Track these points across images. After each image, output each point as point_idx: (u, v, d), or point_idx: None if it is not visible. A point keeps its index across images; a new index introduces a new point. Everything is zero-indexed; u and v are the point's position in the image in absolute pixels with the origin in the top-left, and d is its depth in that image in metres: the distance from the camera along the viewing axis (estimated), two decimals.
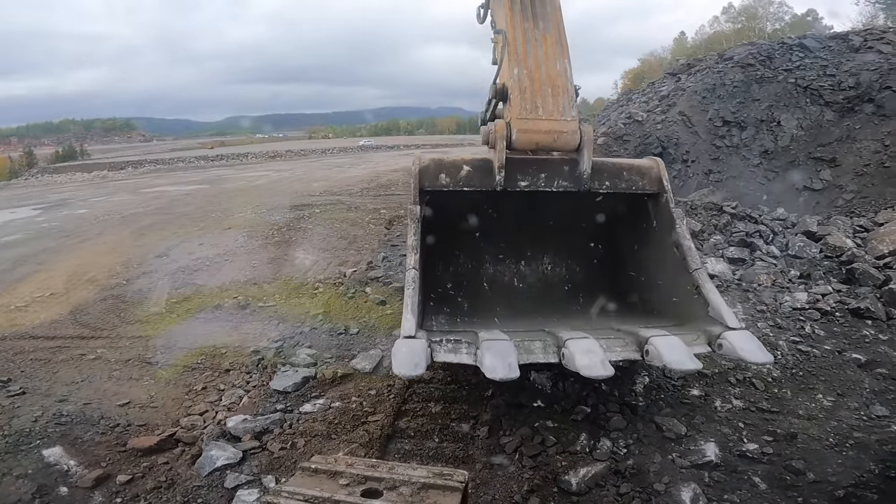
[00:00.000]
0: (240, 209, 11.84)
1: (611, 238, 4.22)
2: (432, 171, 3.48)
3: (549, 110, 3.35)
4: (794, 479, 3.04)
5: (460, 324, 3.84)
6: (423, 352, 2.83)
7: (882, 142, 8.08)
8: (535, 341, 3.02)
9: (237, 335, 5.09)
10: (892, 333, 4.57)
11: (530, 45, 3.48)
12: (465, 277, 4.28)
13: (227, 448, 3.32)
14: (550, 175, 3.51)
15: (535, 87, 3.39)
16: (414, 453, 3.36)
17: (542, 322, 3.61)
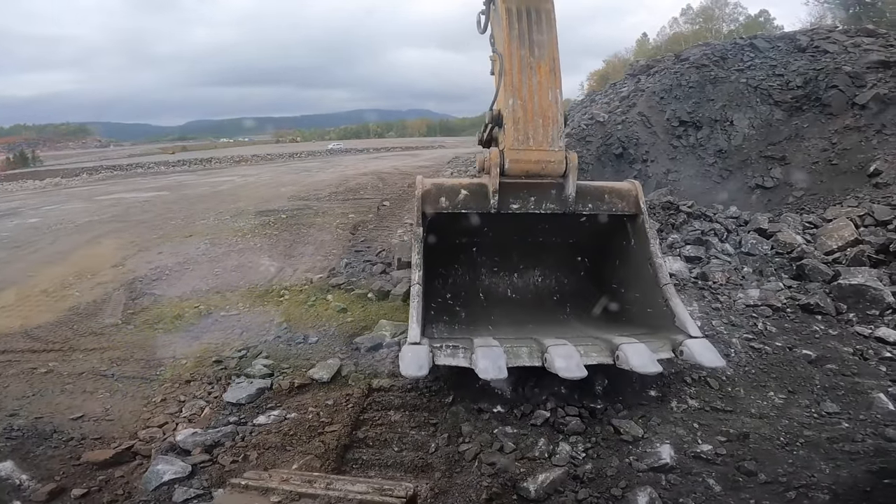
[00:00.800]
0: (202, 216, 11.80)
1: (595, 253, 4.62)
2: (433, 195, 3.90)
3: (538, 141, 3.73)
4: (746, 480, 3.05)
5: (458, 331, 4.17)
6: (427, 356, 3.34)
7: (829, 140, 8.37)
8: (522, 347, 3.52)
9: (198, 345, 5.02)
10: (842, 328, 4.67)
11: (525, 73, 3.78)
12: (462, 289, 4.63)
13: (176, 462, 3.25)
14: (539, 198, 3.90)
15: (528, 118, 3.74)
16: (372, 463, 3.33)
17: (531, 330, 3.98)
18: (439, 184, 3.97)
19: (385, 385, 4.15)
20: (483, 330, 4.05)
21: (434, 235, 3.98)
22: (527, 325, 4.15)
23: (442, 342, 3.54)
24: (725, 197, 8.53)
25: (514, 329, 4.08)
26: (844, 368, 4.08)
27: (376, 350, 4.68)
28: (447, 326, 4.28)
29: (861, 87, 8.72)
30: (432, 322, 4.14)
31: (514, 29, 3.85)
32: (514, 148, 3.74)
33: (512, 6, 3.93)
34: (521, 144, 3.74)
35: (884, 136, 7.87)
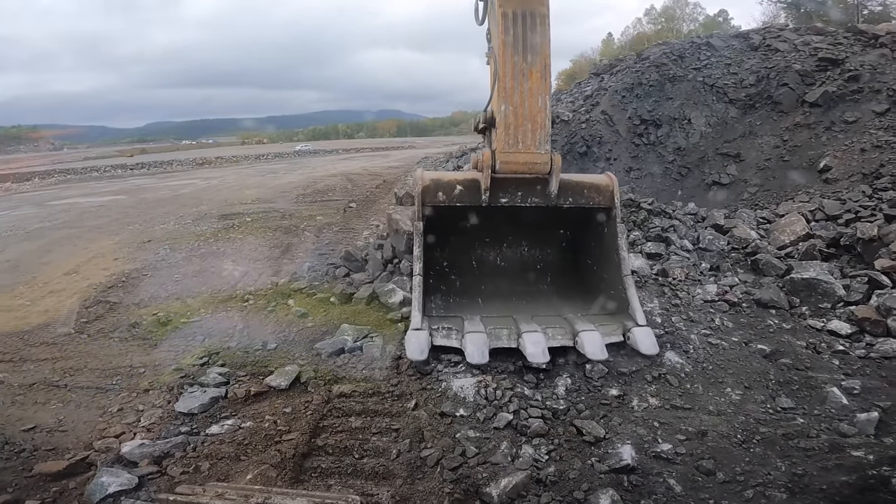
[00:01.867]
0: (161, 220, 11.38)
1: (575, 230, 5.12)
2: (432, 190, 4.40)
3: (527, 144, 4.13)
4: (705, 480, 3.07)
5: (452, 303, 4.78)
6: (427, 340, 4.05)
7: (781, 137, 8.65)
8: (502, 329, 4.17)
9: (157, 353, 4.88)
10: (795, 322, 4.79)
11: (517, 80, 4.10)
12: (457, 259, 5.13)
13: (122, 474, 3.15)
14: (525, 193, 4.40)
15: (518, 123, 4.12)
16: (331, 471, 3.28)
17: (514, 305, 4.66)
18: (437, 179, 4.48)
19: (346, 391, 4.07)
20: (473, 302, 4.72)
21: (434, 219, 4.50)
22: (511, 297, 4.77)
23: (439, 324, 4.25)
24: (684, 193, 8.73)
25: (500, 299, 4.75)
26: (798, 362, 4.18)
27: (338, 355, 4.58)
28: (443, 295, 4.86)
29: (811, 84, 9.05)
30: (431, 292, 4.65)
31: (510, 34, 4.08)
32: (505, 151, 4.14)
33: (508, 10, 4.12)
34: (511, 147, 4.13)
35: (832, 133, 8.18)
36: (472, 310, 4.61)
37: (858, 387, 3.80)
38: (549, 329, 4.16)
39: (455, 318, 4.39)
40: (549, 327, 4.21)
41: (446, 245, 4.99)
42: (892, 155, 7.00)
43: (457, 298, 4.89)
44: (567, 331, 4.18)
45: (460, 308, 4.69)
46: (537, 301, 4.80)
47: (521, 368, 4.27)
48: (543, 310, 4.61)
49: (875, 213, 5.70)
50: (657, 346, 4.15)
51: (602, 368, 4.15)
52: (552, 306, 4.72)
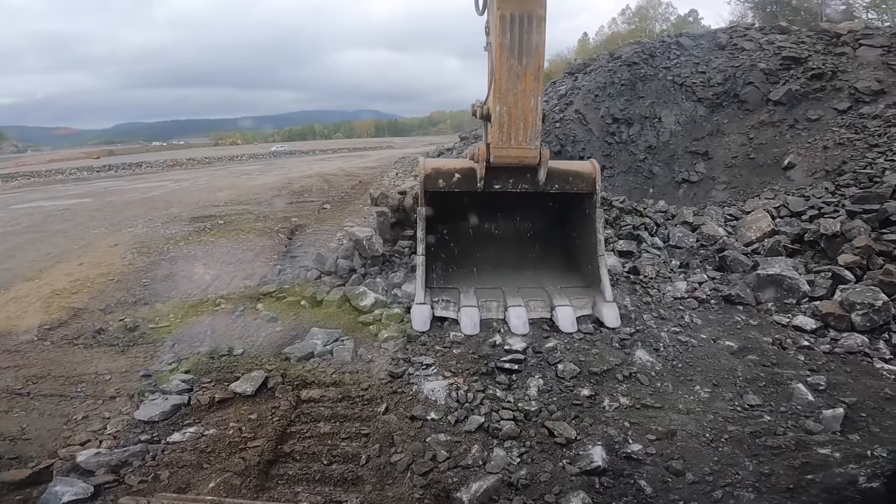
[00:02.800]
0: (129, 224, 11.10)
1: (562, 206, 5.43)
2: (433, 178, 4.88)
3: (519, 140, 4.55)
4: (674, 480, 3.07)
5: (451, 272, 5.32)
6: (429, 313, 4.73)
7: (747, 135, 8.83)
8: (492, 301, 4.80)
9: (124, 360, 4.79)
10: (762, 318, 4.86)
11: (512, 81, 4.42)
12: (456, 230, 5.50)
13: (77, 483, 3.10)
14: (516, 180, 4.86)
15: (512, 122, 4.52)
16: (299, 478, 3.24)
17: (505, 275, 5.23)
18: (437, 168, 4.94)
19: (315, 396, 4.02)
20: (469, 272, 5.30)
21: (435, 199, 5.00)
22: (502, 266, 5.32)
23: (439, 297, 4.86)
24: (655, 191, 8.84)
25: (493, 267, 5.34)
26: (765, 359, 4.22)
27: (307, 359, 4.51)
28: (443, 264, 5.35)
29: (775, 83, 9.25)
30: (433, 261, 5.17)
31: (507, 36, 4.33)
32: (499, 146, 4.60)
33: (506, 13, 4.32)
34: (504, 143, 4.58)
35: (796, 131, 8.37)
36: (468, 279, 5.23)
37: (824, 382, 3.85)
38: (531, 302, 4.81)
39: (453, 290, 5.04)
40: (532, 300, 4.83)
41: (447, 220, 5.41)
42: (854, 152, 7.19)
43: (455, 267, 5.42)
44: (546, 304, 4.79)
45: (458, 277, 5.30)
46: (525, 270, 5.37)
47: (494, 370, 4.25)
48: (530, 279, 5.21)
49: (837, 210, 5.84)
50: (619, 320, 4.70)
51: (574, 368, 4.16)
52: (538, 275, 5.28)
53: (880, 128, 7.47)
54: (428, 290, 4.86)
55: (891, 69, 8.60)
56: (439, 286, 5.13)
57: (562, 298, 4.79)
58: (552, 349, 4.46)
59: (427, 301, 4.77)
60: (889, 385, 3.83)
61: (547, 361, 4.32)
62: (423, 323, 4.71)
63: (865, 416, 3.51)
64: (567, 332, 4.55)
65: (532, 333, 4.75)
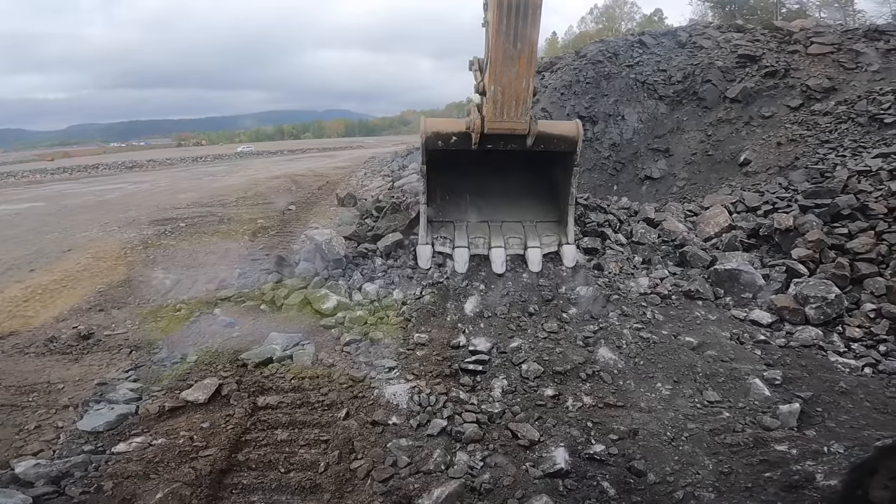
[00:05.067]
0: (84, 228, 10.77)
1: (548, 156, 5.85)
2: (433, 139, 5.41)
3: (511, 115, 5.01)
4: (636, 481, 3.06)
5: (449, 202, 6.03)
6: (431, 251, 5.69)
7: (705, 132, 9.02)
8: (479, 238, 5.72)
9: (77, 368, 4.65)
10: (720, 313, 4.93)
11: (507, 65, 4.74)
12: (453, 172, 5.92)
13: (15, 495, 3.02)
14: (507, 142, 5.35)
15: (505, 100, 4.94)
16: (254, 487, 3.16)
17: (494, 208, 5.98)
18: (437, 131, 5.41)
19: (272, 402, 3.91)
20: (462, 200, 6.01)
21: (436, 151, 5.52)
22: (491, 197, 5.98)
23: (437, 235, 5.78)
24: (619, 188, 8.96)
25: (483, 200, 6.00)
26: (723, 354, 4.27)
27: (265, 365, 4.38)
28: (441, 194, 5.96)
29: (731, 81, 9.48)
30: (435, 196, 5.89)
31: (503, 23, 4.57)
32: (493, 120, 5.06)
33: (504, 1, 4.52)
34: (497, 118, 5.04)
35: (751, 128, 8.60)
36: (461, 211, 6.01)
37: (780, 377, 3.91)
38: (510, 239, 5.74)
39: (449, 226, 5.91)
40: (511, 236, 5.77)
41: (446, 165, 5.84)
42: (806, 148, 7.42)
43: (451, 197, 6.11)
44: (521, 241, 5.73)
45: (453, 209, 6.04)
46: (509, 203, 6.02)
47: (458, 371, 4.20)
48: (513, 212, 5.96)
49: (791, 205, 5.99)
50: (575, 260, 5.61)
51: (538, 368, 4.14)
52: (521, 207, 6.00)
53: (831, 124, 7.73)
54: (429, 228, 5.77)
55: (841, 67, 8.93)
56: (437, 220, 5.97)
57: (534, 239, 5.72)
58: (517, 349, 4.44)
59: (429, 241, 5.72)
60: (843, 378, 3.91)
61: (511, 361, 4.30)
62: (427, 260, 5.74)
63: (821, 410, 3.58)
64: (534, 270, 5.59)
65: (496, 333, 4.73)
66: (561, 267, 5.78)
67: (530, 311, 5.07)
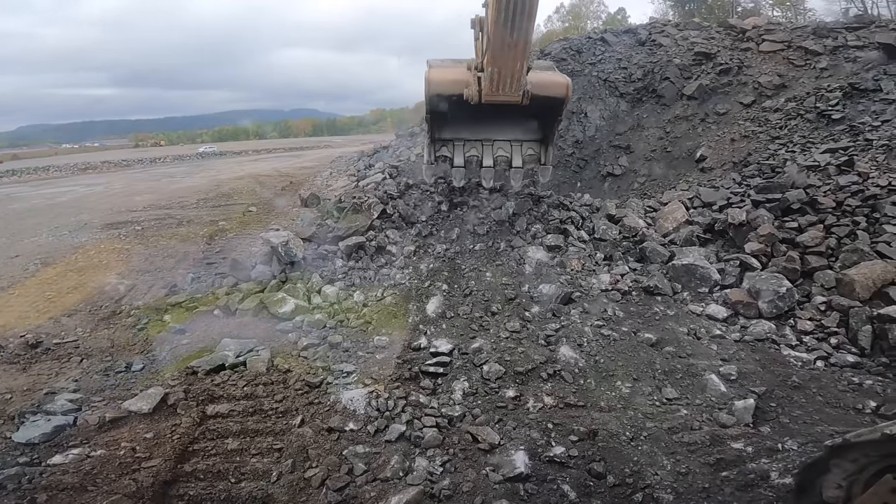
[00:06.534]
0: (32, 232, 10.24)
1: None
2: (434, 99, 5.94)
3: (506, 91, 5.50)
4: (596, 484, 3.04)
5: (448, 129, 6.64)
6: (434, 170, 6.76)
7: (664, 129, 9.18)
8: (473, 157, 6.61)
9: (25, 378, 4.53)
10: (678, 308, 4.98)
11: (504, 50, 5.12)
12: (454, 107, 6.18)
13: None
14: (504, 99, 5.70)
15: (501, 79, 5.39)
16: (202, 498, 3.08)
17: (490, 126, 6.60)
18: (439, 93, 5.89)
19: (223, 410, 3.81)
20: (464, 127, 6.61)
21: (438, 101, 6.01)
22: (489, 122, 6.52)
23: (438, 157, 6.64)
24: (582, 185, 9.03)
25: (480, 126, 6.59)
26: (680, 350, 4.31)
27: (216, 372, 4.24)
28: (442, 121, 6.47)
29: (688, 78, 9.67)
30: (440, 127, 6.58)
31: (502, 16, 4.82)
32: (489, 94, 5.55)
33: None
34: (494, 92, 5.52)
35: (707, 125, 8.79)
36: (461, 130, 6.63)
37: (735, 372, 3.96)
38: (498, 157, 6.57)
39: (449, 144, 6.67)
40: (500, 155, 6.58)
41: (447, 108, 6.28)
42: (758, 144, 7.62)
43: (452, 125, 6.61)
44: (508, 160, 6.55)
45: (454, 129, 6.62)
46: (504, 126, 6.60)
47: (418, 374, 4.13)
48: (508, 130, 6.63)
49: (744, 200, 6.12)
50: (549, 178, 6.72)
51: (499, 369, 4.10)
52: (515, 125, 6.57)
53: (781, 120, 7.96)
54: (431, 149, 6.57)
55: (791, 64, 9.21)
56: (439, 138, 6.64)
57: (518, 158, 6.56)
58: (478, 349, 4.39)
59: (433, 160, 6.60)
60: (796, 373, 3.98)
61: (473, 363, 4.25)
62: (431, 176, 6.86)
63: (775, 405, 3.63)
64: (514, 188, 6.74)
65: (458, 334, 4.67)
66: (524, 266, 5.76)
67: (493, 310, 5.04)
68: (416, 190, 7.33)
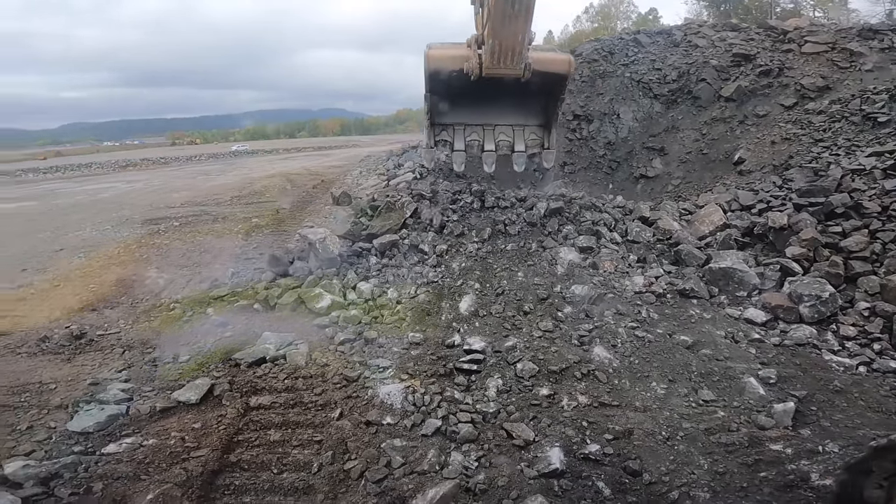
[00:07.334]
0: (76, 227, 10.66)
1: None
2: (434, 75, 5.90)
3: (507, 64, 5.47)
4: (632, 481, 3.06)
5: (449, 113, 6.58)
6: (434, 155, 6.71)
7: (700, 130, 9.02)
8: (475, 141, 6.59)
9: (70, 368, 4.66)
10: (715, 311, 4.92)
11: (505, 23, 5.11)
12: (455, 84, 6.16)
13: (4, 496, 3.04)
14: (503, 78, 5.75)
15: (502, 52, 5.35)
16: (246, 488, 3.16)
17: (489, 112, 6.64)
18: (439, 69, 5.86)
19: (265, 402, 3.91)
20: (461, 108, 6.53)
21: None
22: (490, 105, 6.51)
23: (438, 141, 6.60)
24: (614, 187, 8.97)
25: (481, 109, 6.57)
26: (718, 353, 4.26)
27: (258, 365, 4.36)
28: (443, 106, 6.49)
29: (726, 80, 9.47)
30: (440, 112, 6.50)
31: None
32: (489, 67, 5.52)
33: None
34: (494, 65, 5.48)
35: (746, 127, 8.60)
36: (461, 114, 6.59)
37: (774, 376, 3.90)
38: (500, 142, 6.52)
39: (450, 129, 6.62)
40: (502, 140, 6.54)
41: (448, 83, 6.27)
42: (800, 147, 7.43)
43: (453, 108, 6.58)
44: (510, 145, 6.55)
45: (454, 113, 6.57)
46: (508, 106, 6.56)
47: (452, 371, 4.18)
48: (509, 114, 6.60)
49: (785, 203, 5.99)
50: (552, 164, 6.70)
51: (533, 367, 4.12)
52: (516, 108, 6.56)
53: (825, 123, 7.74)
54: (431, 132, 6.52)
55: (835, 66, 8.94)
56: (439, 123, 6.59)
57: (520, 143, 6.54)
58: (511, 348, 4.42)
59: (433, 144, 6.55)
60: (838, 377, 3.91)
61: (506, 361, 4.29)
62: (430, 160, 6.89)
63: (816, 409, 3.58)
64: (517, 170, 6.68)
65: (491, 332, 4.71)
66: (556, 266, 5.76)
67: (525, 309, 5.06)
68: (447, 190, 7.40)
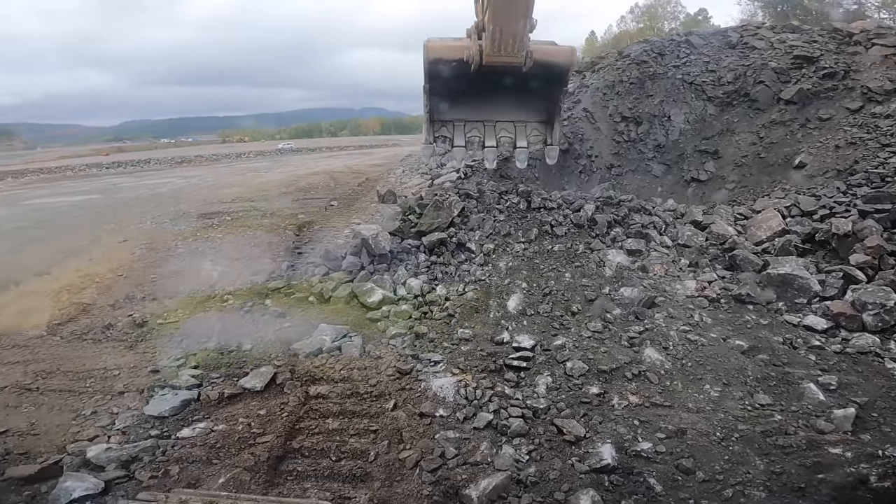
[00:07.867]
0: (137, 220, 11.18)
1: None
2: (434, 65, 5.78)
3: (508, 52, 5.33)
4: (685, 479, 3.06)
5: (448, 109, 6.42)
6: (432, 150, 6.49)
7: (757, 134, 8.72)
8: (475, 137, 6.37)
9: (132, 355, 4.87)
10: (772, 317, 4.81)
11: (506, 6, 4.99)
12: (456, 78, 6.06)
13: (87, 478, 3.16)
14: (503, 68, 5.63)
15: (503, 38, 5.22)
16: (308, 474, 3.28)
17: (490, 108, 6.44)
18: (438, 58, 5.76)
19: (323, 392, 4.05)
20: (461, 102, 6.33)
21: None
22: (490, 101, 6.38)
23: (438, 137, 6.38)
24: (663, 190, 8.80)
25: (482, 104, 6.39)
26: (775, 358, 4.19)
27: (315, 356, 4.54)
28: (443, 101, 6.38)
29: (786, 82, 9.12)
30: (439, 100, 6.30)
31: None
32: (490, 55, 5.37)
33: None
34: (495, 54, 5.34)
35: (807, 130, 8.26)
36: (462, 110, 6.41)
37: (835, 382, 3.82)
38: (502, 138, 6.37)
39: (449, 125, 6.42)
40: (503, 136, 6.38)
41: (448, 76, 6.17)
42: (866, 151, 7.10)
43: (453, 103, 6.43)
44: (512, 142, 6.39)
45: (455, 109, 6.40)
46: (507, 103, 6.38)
47: (502, 367, 4.26)
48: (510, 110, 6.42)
49: (849, 209, 5.77)
50: (556, 159, 6.44)
51: (582, 366, 4.15)
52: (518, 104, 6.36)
53: (892, 127, 7.36)
54: (431, 128, 6.32)
55: None
56: (439, 119, 6.39)
57: (522, 139, 6.37)
58: (560, 347, 4.46)
59: (432, 140, 6.34)
60: None
61: (555, 359, 4.33)
62: (429, 156, 6.91)
63: (877, 416, 3.49)
64: (519, 167, 6.74)
65: (539, 331, 4.76)
66: (604, 268, 5.75)
67: (573, 310, 5.08)
68: (493, 190, 7.48)
